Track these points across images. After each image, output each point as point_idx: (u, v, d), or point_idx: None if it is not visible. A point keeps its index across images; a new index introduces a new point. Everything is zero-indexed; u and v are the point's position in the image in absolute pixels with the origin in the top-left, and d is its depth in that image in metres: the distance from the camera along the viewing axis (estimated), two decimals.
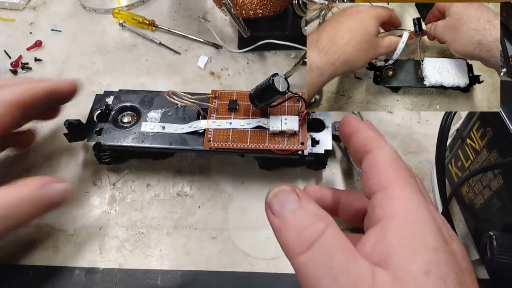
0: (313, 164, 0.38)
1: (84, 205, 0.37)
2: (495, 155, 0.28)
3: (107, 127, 0.37)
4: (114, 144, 0.36)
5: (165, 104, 0.38)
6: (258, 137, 0.35)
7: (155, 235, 0.36)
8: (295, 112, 0.36)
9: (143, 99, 0.38)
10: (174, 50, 0.49)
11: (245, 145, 0.34)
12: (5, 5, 0.54)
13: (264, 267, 0.34)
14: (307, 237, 0.21)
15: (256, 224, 0.36)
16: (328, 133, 0.36)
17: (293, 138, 0.35)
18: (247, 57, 0.48)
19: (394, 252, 0.20)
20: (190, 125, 0.36)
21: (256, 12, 0.44)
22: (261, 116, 0.36)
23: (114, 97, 0.39)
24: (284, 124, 0.34)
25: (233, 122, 0.35)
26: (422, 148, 0.41)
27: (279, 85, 0.32)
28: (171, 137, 0.36)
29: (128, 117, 0.38)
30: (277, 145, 0.34)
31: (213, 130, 0.35)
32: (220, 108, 0.37)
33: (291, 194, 0.23)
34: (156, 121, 0.37)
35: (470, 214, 0.33)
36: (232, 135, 0.35)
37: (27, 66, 0.48)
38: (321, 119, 0.37)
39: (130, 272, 0.34)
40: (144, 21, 0.51)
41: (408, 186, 0.23)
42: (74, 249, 0.35)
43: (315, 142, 0.35)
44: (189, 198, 0.38)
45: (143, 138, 0.36)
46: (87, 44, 0.50)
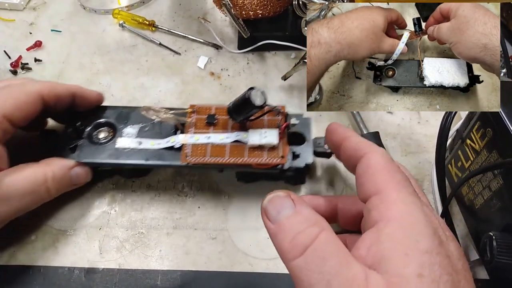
0: (292, 179, 0.37)
1: (84, 205, 0.37)
2: (495, 155, 0.28)
3: (81, 143, 0.36)
4: (89, 161, 0.35)
5: (143, 119, 0.37)
6: (237, 151, 0.34)
7: (155, 235, 0.36)
8: (275, 125, 0.35)
9: (120, 115, 0.37)
10: (174, 50, 0.49)
11: (224, 160, 0.33)
12: (5, 5, 0.54)
13: (264, 267, 0.34)
14: (301, 241, 0.21)
15: (256, 224, 0.36)
16: (308, 146, 0.35)
17: (273, 151, 0.34)
18: (247, 57, 0.48)
19: (388, 256, 0.20)
20: (168, 140, 0.35)
21: (256, 13, 0.44)
22: (240, 129, 0.35)
23: (90, 112, 0.37)
24: (264, 138, 0.34)
25: (211, 137, 0.34)
26: (422, 149, 0.41)
27: (256, 99, 0.31)
28: (148, 153, 0.35)
29: (104, 132, 0.37)
30: (257, 159, 0.33)
31: (191, 145, 0.34)
32: (198, 122, 0.36)
33: (286, 200, 0.24)
34: (133, 136, 0.36)
35: (470, 215, 0.33)
36: (210, 150, 0.34)
37: (27, 67, 0.48)
38: (301, 132, 0.36)
39: (130, 272, 0.34)
40: (144, 21, 0.51)
41: (402, 189, 0.23)
42: (74, 249, 0.35)
43: (295, 156, 0.34)
44: (189, 198, 0.38)
45: (118, 155, 0.35)
46: (87, 45, 0.50)
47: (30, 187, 0.31)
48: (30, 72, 0.48)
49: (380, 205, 0.22)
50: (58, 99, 0.35)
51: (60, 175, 0.33)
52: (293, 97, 0.45)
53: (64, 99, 0.35)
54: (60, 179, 0.33)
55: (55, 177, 0.33)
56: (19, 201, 0.31)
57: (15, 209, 0.31)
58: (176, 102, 0.45)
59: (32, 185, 0.31)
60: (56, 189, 0.33)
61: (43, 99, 0.33)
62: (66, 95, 0.35)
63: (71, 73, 0.48)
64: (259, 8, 0.44)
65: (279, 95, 0.45)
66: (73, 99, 0.36)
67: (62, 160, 0.34)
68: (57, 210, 0.36)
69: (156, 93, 0.45)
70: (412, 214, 0.22)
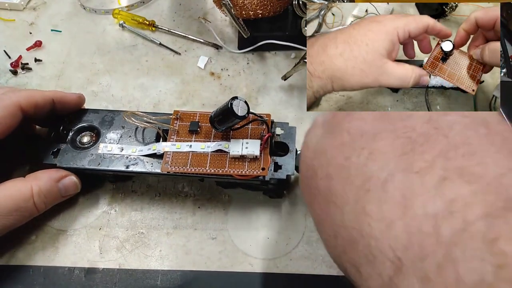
0: (270, 192, 0.37)
1: (84, 205, 0.37)
2: None
3: (64, 148, 0.35)
4: (70, 166, 0.34)
5: (126, 124, 0.36)
6: (218, 161, 0.33)
7: (155, 235, 0.36)
8: (259, 135, 0.34)
9: (103, 119, 0.37)
10: (174, 50, 0.49)
11: (204, 170, 0.33)
12: (5, 5, 0.54)
13: (264, 267, 0.34)
14: None
15: (256, 224, 0.36)
16: (291, 157, 0.34)
17: (254, 163, 0.33)
18: (247, 57, 0.48)
19: None
20: (149, 147, 0.35)
21: (256, 13, 0.44)
22: (223, 139, 0.34)
23: (74, 116, 0.37)
24: (245, 149, 0.33)
25: (193, 145, 0.34)
26: None
27: (238, 109, 0.31)
28: (129, 160, 0.34)
29: (87, 137, 0.36)
30: (237, 170, 0.33)
31: (172, 153, 0.34)
32: (181, 129, 0.35)
33: None
34: (115, 142, 0.36)
35: None
36: (191, 159, 0.33)
37: (27, 67, 0.48)
38: (285, 142, 0.35)
39: (130, 272, 0.34)
40: (144, 21, 0.51)
41: None
42: (74, 249, 0.35)
43: (277, 167, 0.33)
44: (189, 198, 0.38)
45: (99, 161, 0.34)
46: (87, 45, 0.50)
47: (16, 203, 0.31)
48: (30, 72, 0.48)
49: None
50: (37, 107, 0.34)
51: (46, 189, 0.33)
52: (293, 97, 0.45)
53: (44, 106, 0.35)
54: (47, 192, 0.33)
55: (42, 191, 0.32)
56: (6, 219, 0.31)
57: (1, 226, 0.31)
58: (176, 102, 0.45)
59: (18, 201, 0.31)
60: (44, 203, 0.33)
61: (21, 110, 0.33)
62: (45, 103, 0.35)
63: (71, 73, 0.48)
64: (259, 8, 0.44)
65: (279, 95, 0.45)
66: (53, 105, 0.36)
67: (48, 172, 0.33)
68: (57, 210, 0.36)
69: (156, 93, 0.45)
70: None
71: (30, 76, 0.47)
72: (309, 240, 0.35)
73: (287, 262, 0.34)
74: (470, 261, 0.14)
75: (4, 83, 0.47)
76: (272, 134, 0.34)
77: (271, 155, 0.34)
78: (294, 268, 0.34)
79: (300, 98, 0.44)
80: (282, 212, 0.36)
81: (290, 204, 0.37)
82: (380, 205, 0.16)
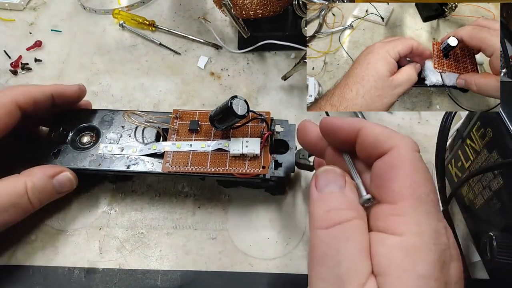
0: (272, 189, 0.37)
1: (84, 205, 0.37)
2: (495, 155, 0.28)
3: (64, 149, 0.35)
4: (70, 167, 0.34)
5: (125, 124, 0.36)
6: (219, 160, 0.33)
7: (155, 235, 0.36)
8: (258, 133, 0.34)
9: (103, 119, 0.37)
10: (174, 50, 0.49)
11: (205, 169, 0.33)
12: (5, 5, 0.54)
13: (264, 267, 0.34)
14: (334, 217, 0.22)
15: (256, 224, 0.36)
16: (291, 155, 0.34)
17: (255, 161, 0.33)
18: (247, 57, 0.48)
19: (384, 273, 0.20)
20: (149, 147, 0.34)
21: (256, 13, 0.44)
22: (223, 137, 0.34)
23: (74, 116, 0.37)
24: (245, 147, 0.33)
25: (193, 144, 0.34)
26: (422, 149, 0.41)
27: (238, 108, 0.31)
28: (130, 160, 0.34)
29: (88, 137, 0.36)
30: (238, 168, 0.33)
31: (172, 153, 0.34)
32: (181, 129, 0.35)
33: (339, 177, 0.23)
34: (115, 142, 0.35)
35: (470, 215, 0.33)
36: (192, 158, 0.33)
37: (27, 67, 0.48)
38: (285, 140, 0.35)
39: (130, 272, 0.34)
40: (144, 21, 0.51)
41: (421, 207, 0.21)
42: (74, 249, 0.35)
43: (277, 164, 0.34)
44: (189, 198, 0.38)
45: (100, 161, 0.34)
46: (87, 45, 0.50)
47: (10, 199, 0.31)
48: (30, 72, 0.48)
49: (391, 217, 0.21)
50: (36, 104, 0.34)
51: (41, 185, 0.32)
52: (293, 97, 0.45)
53: (43, 102, 0.34)
54: (42, 188, 0.32)
55: (36, 187, 0.32)
56: (1, 215, 0.30)
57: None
58: (176, 102, 0.45)
59: (13, 197, 0.31)
60: (39, 199, 0.32)
61: (19, 107, 0.33)
62: (45, 98, 0.34)
63: (71, 73, 0.48)
64: (259, 8, 0.44)
65: (279, 95, 0.45)
66: (53, 99, 0.35)
67: (43, 168, 0.33)
68: (57, 210, 0.36)
69: (156, 93, 0.45)
70: (420, 236, 0.20)
71: (30, 76, 0.47)
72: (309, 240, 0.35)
73: (287, 262, 0.34)
74: None
75: (4, 83, 0.47)
76: (272, 132, 0.34)
77: (271, 152, 0.34)
78: (294, 268, 0.34)
79: (300, 98, 0.44)
80: (282, 212, 0.36)
81: (290, 204, 0.37)
82: None
